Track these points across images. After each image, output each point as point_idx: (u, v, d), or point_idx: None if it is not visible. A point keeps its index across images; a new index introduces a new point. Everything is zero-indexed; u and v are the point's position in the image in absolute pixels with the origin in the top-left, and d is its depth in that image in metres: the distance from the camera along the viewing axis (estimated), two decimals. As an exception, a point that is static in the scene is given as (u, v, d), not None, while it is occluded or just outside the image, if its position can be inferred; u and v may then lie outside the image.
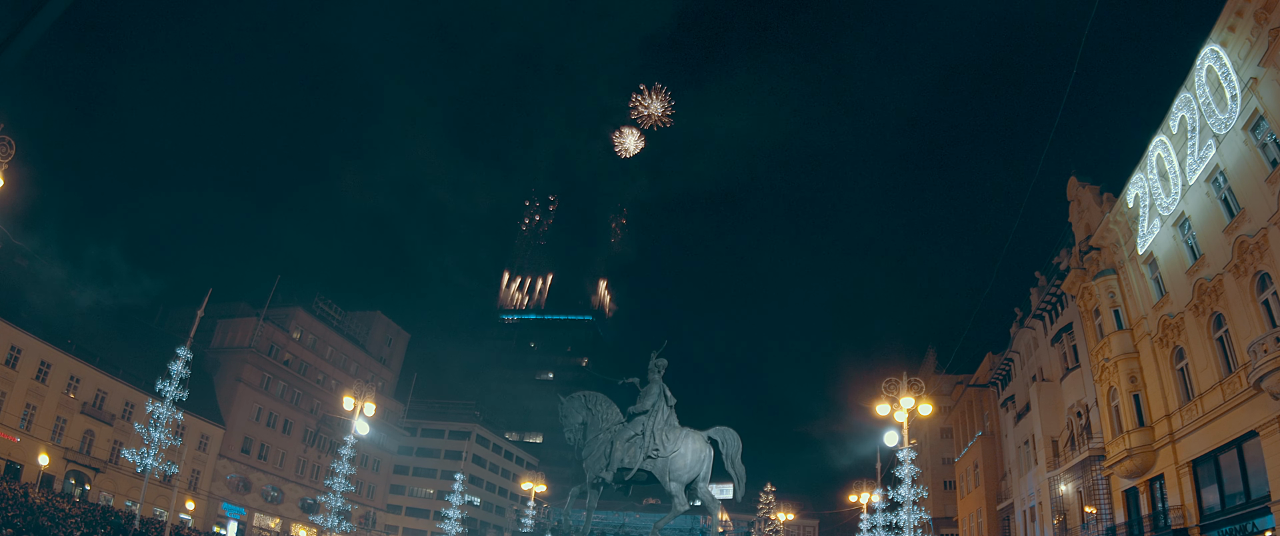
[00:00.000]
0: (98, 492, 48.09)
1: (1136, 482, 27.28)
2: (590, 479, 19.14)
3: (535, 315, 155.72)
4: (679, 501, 18.14)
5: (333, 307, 74.37)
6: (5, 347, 43.71)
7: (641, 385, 19.67)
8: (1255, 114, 20.11)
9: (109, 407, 49.91)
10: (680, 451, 18.40)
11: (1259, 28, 19.67)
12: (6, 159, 19.67)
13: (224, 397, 60.79)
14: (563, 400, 20.16)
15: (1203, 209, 23.31)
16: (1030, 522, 37.96)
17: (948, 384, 56.44)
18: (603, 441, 19.09)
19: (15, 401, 44.21)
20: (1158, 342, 26.31)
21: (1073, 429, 32.33)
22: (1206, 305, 23.11)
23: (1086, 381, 31.74)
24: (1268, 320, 20.01)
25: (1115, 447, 27.78)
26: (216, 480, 58.11)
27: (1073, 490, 32.24)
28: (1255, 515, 20.26)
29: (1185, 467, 24.32)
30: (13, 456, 43.20)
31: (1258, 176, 20.22)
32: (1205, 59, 21.64)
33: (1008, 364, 43.80)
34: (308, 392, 68.32)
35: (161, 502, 48.55)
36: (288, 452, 65.62)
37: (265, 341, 63.77)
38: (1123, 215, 28.72)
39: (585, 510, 19.83)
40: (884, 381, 23.82)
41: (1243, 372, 20.71)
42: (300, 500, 64.59)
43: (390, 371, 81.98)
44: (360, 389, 29.41)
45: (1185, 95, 23.17)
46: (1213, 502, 23.00)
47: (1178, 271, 25.05)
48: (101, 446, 49.01)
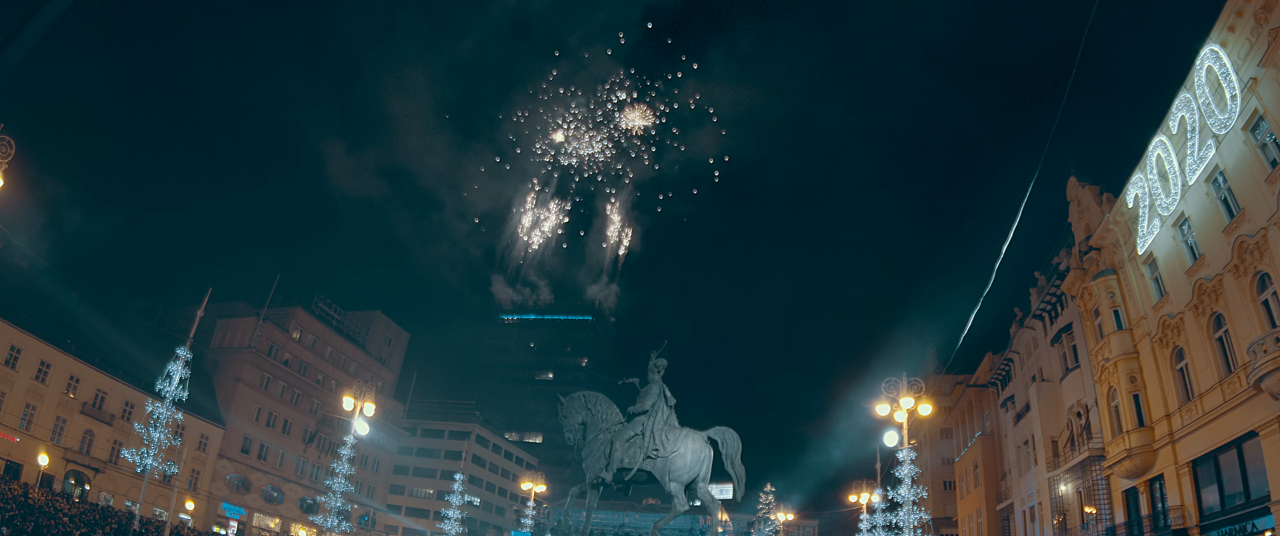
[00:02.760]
0: (97, 492, 48.09)
1: (1136, 483, 27.29)
2: (590, 479, 19.15)
3: (535, 315, 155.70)
4: (679, 501, 18.15)
5: (332, 307, 74.39)
6: (5, 347, 43.70)
7: (641, 385, 19.69)
8: (1255, 114, 20.12)
9: (109, 407, 49.91)
10: (680, 451, 18.41)
11: (1259, 28, 19.68)
12: (6, 159, 19.69)
13: (224, 397, 60.78)
14: (563, 400, 20.17)
15: (1202, 209, 23.31)
16: (1030, 523, 37.96)
17: (948, 384, 56.44)
18: (602, 441, 19.10)
19: (15, 401, 44.19)
20: (1157, 343, 26.32)
21: (1072, 429, 32.34)
22: (1206, 305, 23.12)
23: (1086, 381, 31.75)
24: (1267, 320, 20.02)
25: (1115, 448, 27.78)
26: (216, 480, 58.11)
27: (1072, 490, 32.24)
28: (1255, 515, 20.26)
29: (1185, 468, 24.32)
30: (12, 456, 43.19)
31: (1257, 176, 20.23)
32: (1205, 59, 21.64)
33: (1008, 364, 43.81)
34: (307, 393, 68.33)
35: (161, 502, 48.55)
36: (288, 452, 65.61)
37: (265, 341, 63.77)
38: (1122, 215, 28.72)
39: (585, 510, 19.85)
40: (884, 381, 23.85)
41: (1242, 373, 20.71)
42: (300, 500, 64.58)
43: (390, 371, 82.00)
44: (360, 389, 29.39)
45: (1185, 95, 23.17)
46: (1212, 503, 23.01)
47: (1177, 271, 25.06)
48: (101, 446, 49.01)
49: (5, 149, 19.53)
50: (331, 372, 71.03)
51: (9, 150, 19.62)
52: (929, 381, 40.35)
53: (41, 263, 51.41)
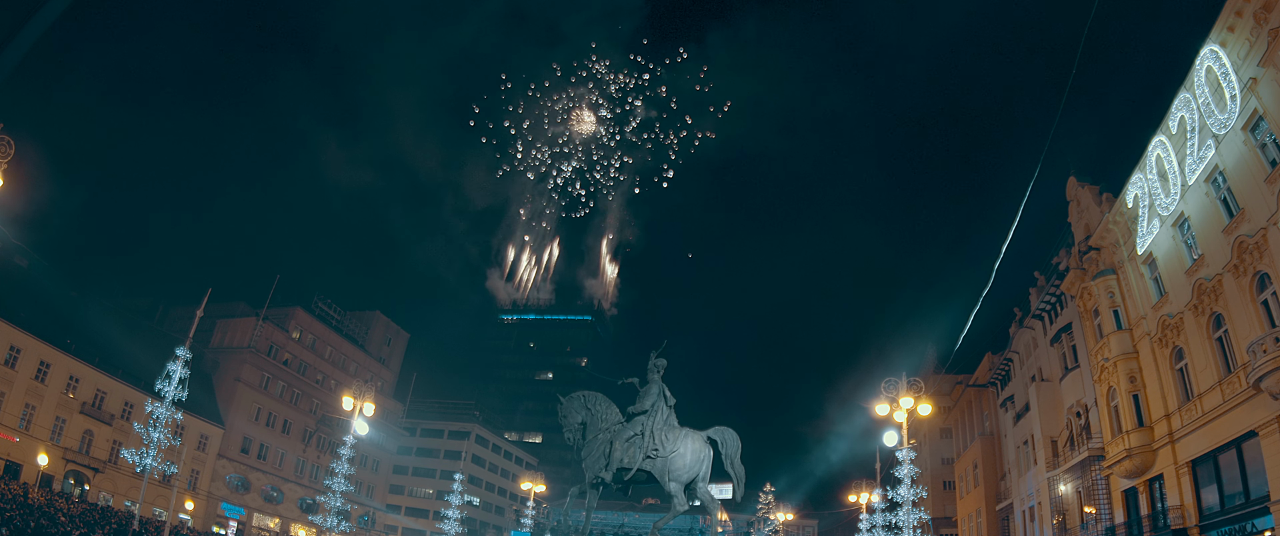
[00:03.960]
0: (97, 492, 48.08)
1: (1136, 482, 27.29)
2: (590, 479, 19.15)
3: (535, 315, 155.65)
4: (678, 501, 18.16)
5: (332, 307, 74.38)
6: (5, 347, 43.68)
7: (641, 385, 19.69)
8: (1254, 114, 20.13)
9: (108, 407, 49.90)
10: (680, 451, 18.41)
11: (1258, 28, 19.69)
12: (6, 159, 19.69)
13: (223, 397, 60.77)
14: (562, 400, 20.17)
15: (1202, 209, 23.31)
16: (1029, 523, 37.97)
17: (947, 384, 56.43)
18: (602, 441, 19.11)
19: (15, 401, 44.19)
20: (1157, 343, 26.32)
21: (1072, 429, 32.34)
22: (1206, 305, 23.12)
23: (1086, 381, 31.75)
24: (1267, 320, 20.02)
25: (1114, 447, 27.78)
26: (216, 480, 58.10)
27: (1072, 490, 32.25)
28: (1254, 515, 20.27)
29: (1184, 467, 24.32)
30: (12, 456, 43.18)
31: (1257, 176, 20.24)
32: (1205, 59, 21.65)
33: (1007, 364, 43.82)
34: (307, 392, 68.33)
35: (161, 502, 48.55)
36: (287, 452, 65.61)
37: (264, 341, 63.77)
38: (1122, 215, 28.73)
39: (585, 510, 19.85)
40: (884, 381, 23.84)
41: (1242, 372, 20.72)
42: (300, 500, 64.57)
43: (390, 371, 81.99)
44: (360, 389, 29.38)
45: (1185, 95, 23.18)
46: (1212, 502, 23.01)
47: (1177, 271, 25.06)
48: (101, 446, 49.00)
49: (5, 149, 19.52)
50: (331, 372, 71.02)
51: (9, 150, 19.61)
52: (929, 381, 40.31)
53: (41, 263, 51.42)
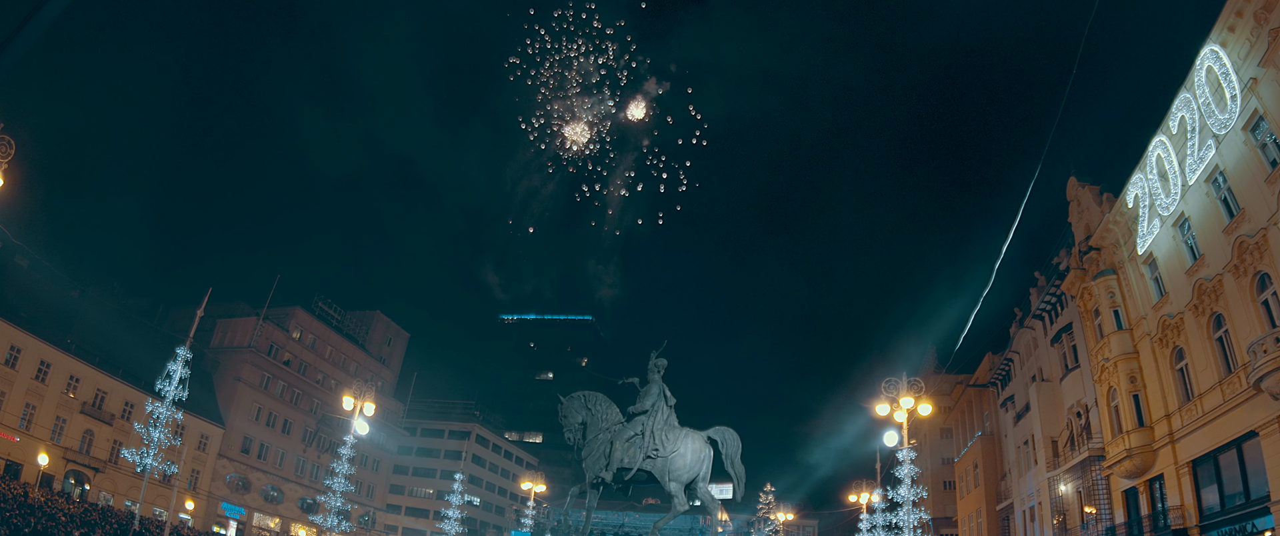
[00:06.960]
0: (97, 492, 48.08)
1: (1136, 483, 27.29)
2: (590, 479, 19.13)
3: (535, 315, 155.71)
4: (679, 501, 18.14)
5: (332, 307, 74.38)
6: (5, 347, 43.69)
7: (641, 385, 19.66)
8: (1255, 114, 20.12)
9: (109, 407, 49.91)
10: (680, 451, 18.39)
11: (1259, 28, 19.67)
12: (6, 159, 19.67)
13: (224, 397, 60.77)
14: (562, 400, 20.14)
15: (1202, 209, 23.31)
16: (1030, 523, 37.96)
17: (948, 384, 56.42)
18: (602, 441, 19.08)
19: (15, 401, 44.19)
20: (1157, 343, 26.31)
21: (1072, 429, 32.34)
22: (1206, 305, 23.11)
23: (1086, 381, 31.74)
24: (1267, 320, 20.01)
25: (1115, 448, 27.78)
26: (216, 480, 58.10)
27: (1072, 490, 32.24)
28: (1255, 515, 20.26)
29: (1185, 468, 24.32)
30: (12, 456, 43.18)
31: (1257, 176, 20.23)
32: (1205, 59, 21.64)
33: (1007, 364, 43.81)
34: (307, 392, 68.32)
35: (161, 502, 48.55)
36: (287, 452, 65.61)
37: (265, 341, 63.77)
38: (1122, 215, 28.72)
39: (585, 510, 19.83)
40: (884, 381, 23.83)
41: (1242, 373, 20.71)
42: (300, 500, 64.58)
43: (390, 371, 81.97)
44: (360, 388, 29.38)
45: (1185, 95, 23.17)
46: (1212, 503, 23.01)
47: (1177, 271, 25.05)
48: (101, 446, 49.00)
49: (5, 149, 19.51)
50: (331, 372, 71.01)
51: (9, 150, 19.60)
52: (929, 381, 40.32)
53: (41, 263, 51.39)
